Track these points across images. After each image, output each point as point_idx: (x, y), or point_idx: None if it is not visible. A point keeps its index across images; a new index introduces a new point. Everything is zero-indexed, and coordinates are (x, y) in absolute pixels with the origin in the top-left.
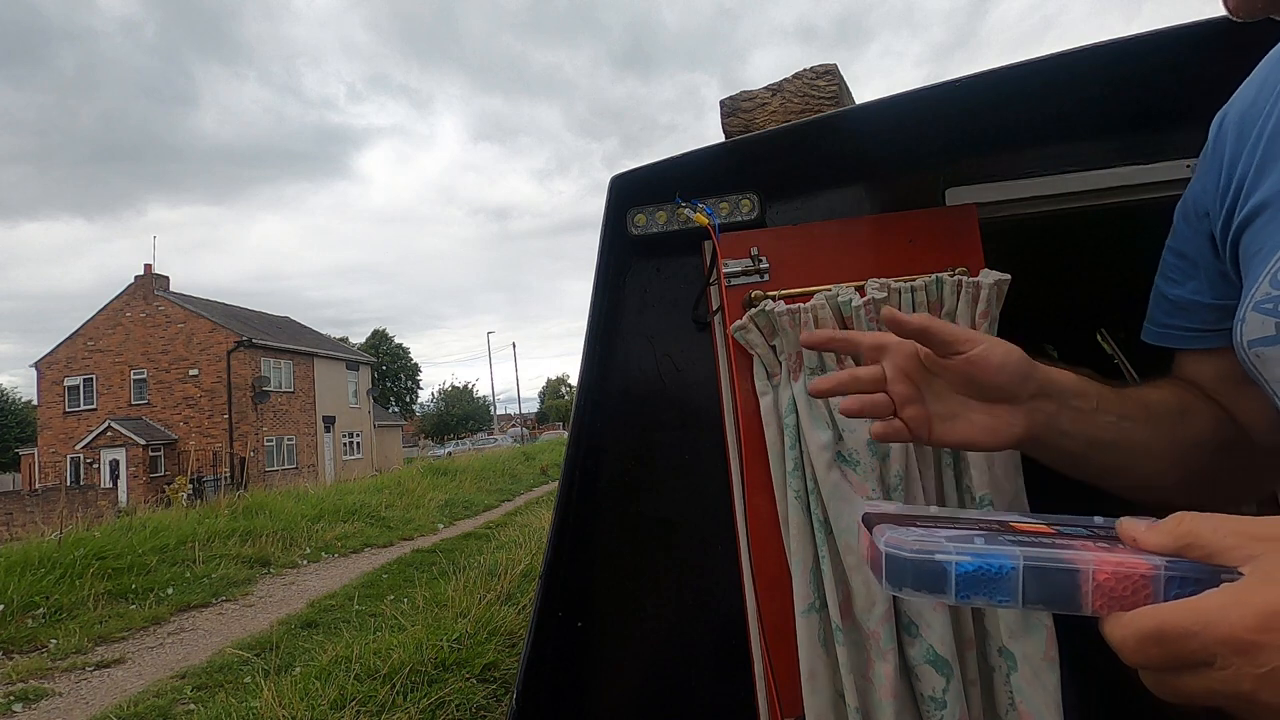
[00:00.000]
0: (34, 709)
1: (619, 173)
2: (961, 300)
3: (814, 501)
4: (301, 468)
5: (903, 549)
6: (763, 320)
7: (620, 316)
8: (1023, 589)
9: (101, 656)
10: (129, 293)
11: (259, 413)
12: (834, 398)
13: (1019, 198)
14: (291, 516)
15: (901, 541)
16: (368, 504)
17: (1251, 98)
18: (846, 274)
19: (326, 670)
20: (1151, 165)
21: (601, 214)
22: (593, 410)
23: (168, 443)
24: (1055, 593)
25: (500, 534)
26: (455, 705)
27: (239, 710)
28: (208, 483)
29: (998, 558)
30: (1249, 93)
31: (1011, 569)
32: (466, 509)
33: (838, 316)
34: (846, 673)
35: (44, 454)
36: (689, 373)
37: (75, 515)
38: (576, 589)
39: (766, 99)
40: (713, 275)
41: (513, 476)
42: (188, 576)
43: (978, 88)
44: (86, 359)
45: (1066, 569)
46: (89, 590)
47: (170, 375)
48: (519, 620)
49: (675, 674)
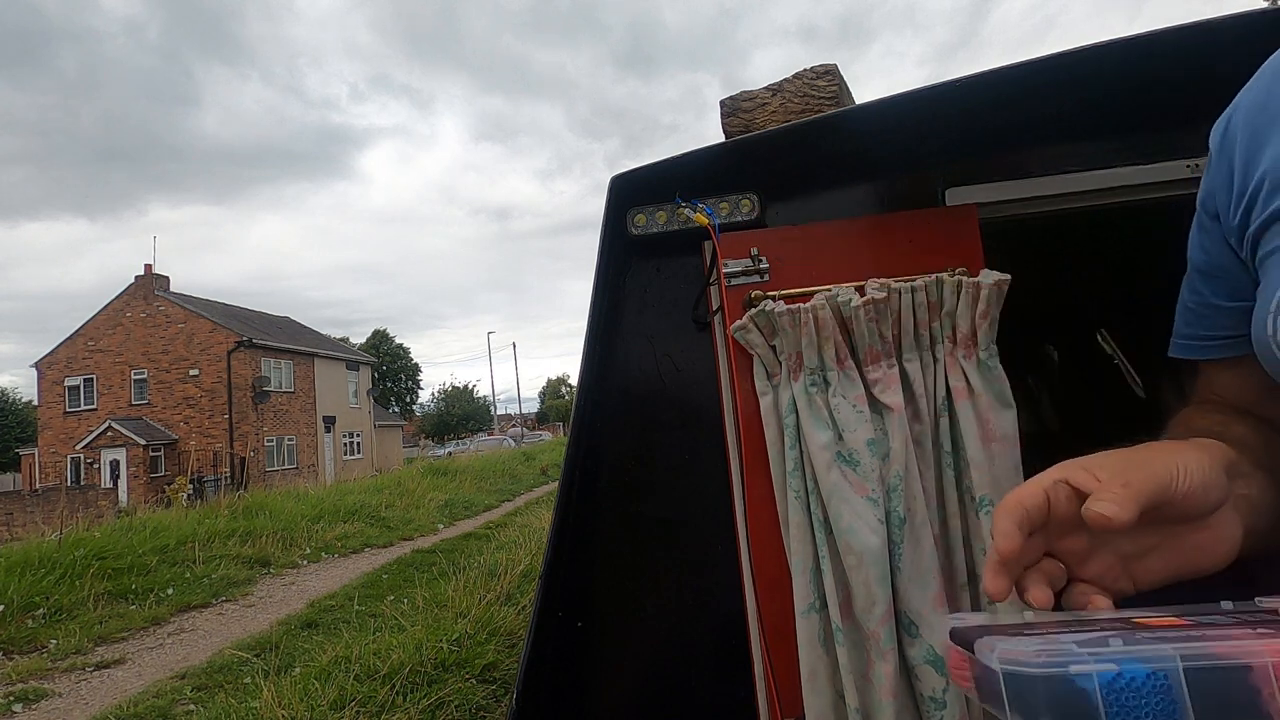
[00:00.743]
0: (34, 709)
1: (619, 173)
2: (961, 300)
3: (814, 501)
4: (302, 468)
5: (1026, 664)
6: (763, 320)
7: (620, 316)
8: (1189, 697)
9: (101, 657)
10: (129, 293)
11: (259, 413)
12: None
13: (1019, 198)
14: (291, 517)
15: (1020, 655)
16: (368, 504)
17: (1262, 100)
18: (846, 274)
19: (326, 670)
20: (1151, 165)
21: (602, 214)
22: (593, 410)
23: (168, 443)
24: (1230, 695)
25: (500, 534)
26: (455, 705)
27: (239, 710)
28: (208, 483)
29: (1148, 660)
30: (1258, 95)
31: (1168, 674)
32: (466, 509)
33: (838, 317)
34: (846, 673)
35: (44, 454)
36: (689, 373)
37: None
38: (576, 589)
39: (766, 99)
40: (713, 275)
41: (513, 476)
42: (188, 577)
43: (978, 88)
44: (87, 359)
45: (1238, 666)
46: (89, 590)
47: (170, 375)
48: (519, 620)
49: (675, 674)
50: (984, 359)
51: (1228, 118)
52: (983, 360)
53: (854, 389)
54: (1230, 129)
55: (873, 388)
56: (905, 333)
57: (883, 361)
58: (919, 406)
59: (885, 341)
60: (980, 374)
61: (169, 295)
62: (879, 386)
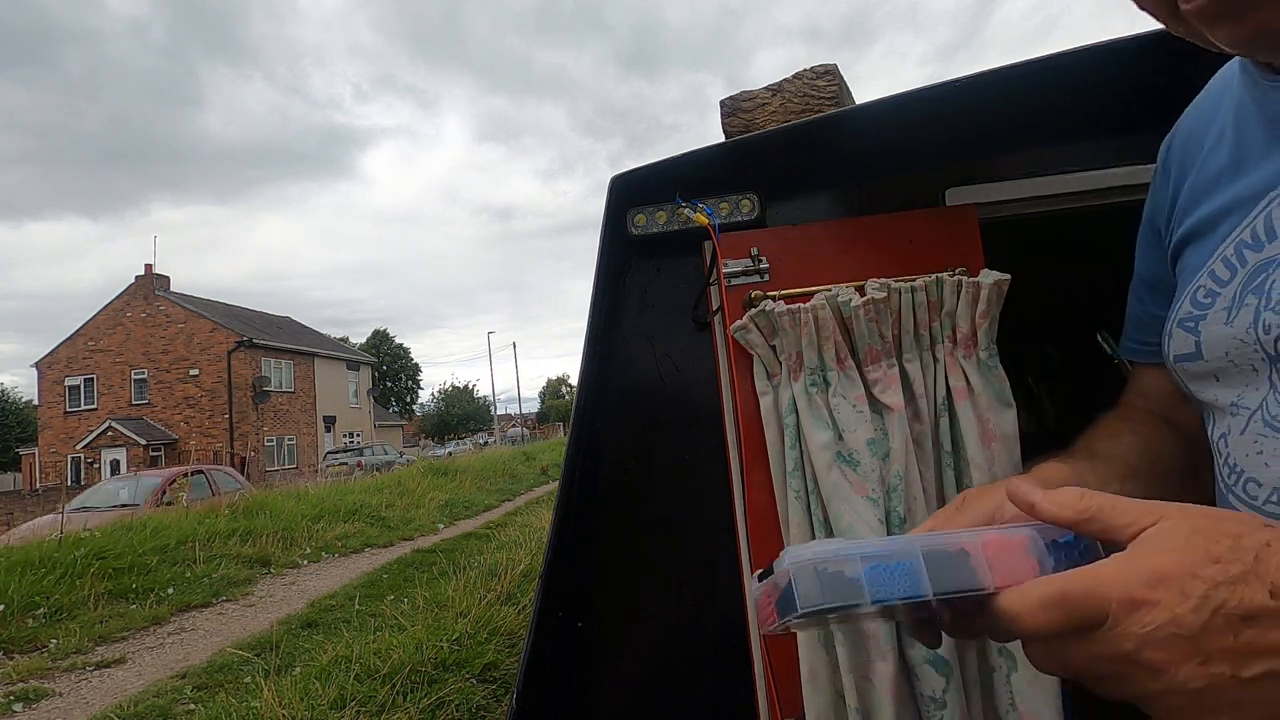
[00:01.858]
0: (34, 709)
1: (619, 173)
2: (961, 300)
3: (814, 501)
4: (302, 467)
5: (805, 560)
6: (763, 320)
7: (620, 316)
8: (929, 578)
9: (102, 656)
10: (129, 293)
11: (259, 413)
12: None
13: (1019, 198)
14: (292, 516)
15: (803, 556)
16: (368, 504)
17: (1190, 127)
18: (846, 274)
19: (326, 670)
20: (1151, 165)
21: (602, 214)
22: (593, 410)
23: (168, 442)
24: (958, 575)
25: (500, 534)
26: (455, 705)
27: (239, 710)
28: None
29: (898, 548)
30: (1190, 121)
31: (911, 563)
32: (467, 509)
33: (838, 317)
34: (846, 673)
35: (45, 454)
36: (689, 373)
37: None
38: (576, 589)
39: (767, 99)
40: (713, 275)
41: (513, 476)
42: (188, 576)
43: (978, 88)
44: (87, 359)
45: (958, 552)
46: (89, 590)
47: (171, 375)
48: (519, 620)
49: (675, 674)
50: (984, 359)
51: (1170, 139)
52: (983, 360)
53: (854, 389)
54: (1172, 150)
55: (873, 388)
56: (905, 333)
57: (883, 361)
58: (919, 406)
59: (885, 341)
60: (980, 374)
61: (169, 295)
62: (879, 386)
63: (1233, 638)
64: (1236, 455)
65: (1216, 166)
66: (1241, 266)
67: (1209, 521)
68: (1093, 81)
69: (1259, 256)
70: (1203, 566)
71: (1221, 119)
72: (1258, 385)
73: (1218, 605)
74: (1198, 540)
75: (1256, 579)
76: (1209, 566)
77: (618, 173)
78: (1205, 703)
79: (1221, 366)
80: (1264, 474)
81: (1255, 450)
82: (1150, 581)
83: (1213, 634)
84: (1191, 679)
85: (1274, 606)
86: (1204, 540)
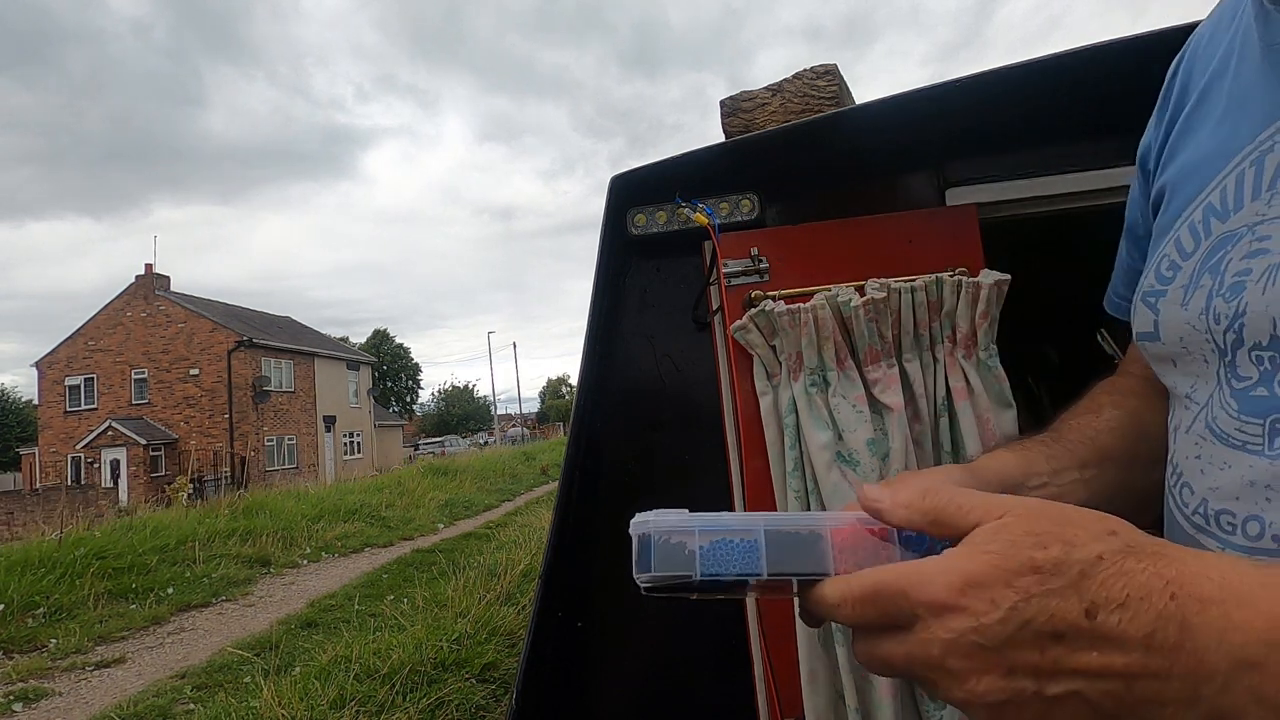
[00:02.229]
0: (34, 708)
1: (619, 173)
2: (961, 300)
3: (814, 502)
4: (302, 467)
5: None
6: (763, 320)
7: (620, 316)
8: (766, 554)
9: (101, 656)
10: (129, 292)
11: (259, 412)
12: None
13: (1019, 198)
14: (292, 516)
15: (649, 524)
16: (368, 504)
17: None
18: (846, 274)
19: (326, 670)
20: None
21: (602, 214)
22: (593, 410)
23: (168, 442)
24: (802, 558)
25: (500, 534)
26: (455, 705)
27: (239, 710)
28: (208, 482)
29: (741, 528)
30: (1200, 40)
31: (753, 541)
32: (466, 509)
33: (837, 317)
34: (846, 673)
35: (44, 453)
36: (689, 373)
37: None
38: (576, 589)
39: (767, 99)
40: (713, 275)
41: (513, 476)
42: (188, 576)
43: (978, 88)
44: (87, 359)
45: (807, 533)
46: (89, 590)
47: (171, 375)
48: (519, 620)
49: (675, 674)
50: (984, 359)
51: (1179, 59)
52: (983, 360)
53: (854, 389)
54: (1178, 73)
55: (873, 388)
56: (905, 333)
57: (882, 361)
58: (919, 406)
59: (885, 341)
60: (980, 374)
61: (169, 295)
62: (879, 386)
63: (1039, 654)
64: (1179, 454)
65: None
66: (1205, 237)
67: (1047, 523)
68: (1093, 82)
69: (1223, 228)
70: (1020, 575)
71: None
72: (1208, 379)
73: (1027, 619)
74: (1025, 544)
75: (1075, 594)
76: (1026, 576)
77: (618, 172)
78: (1007, 716)
79: (1177, 352)
80: (1198, 481)
81: (1194, 454)
82: (962, 586)
83: (1018, 648)
84: (992, 691)
85: (1086, 626)
86: (1032, 545)
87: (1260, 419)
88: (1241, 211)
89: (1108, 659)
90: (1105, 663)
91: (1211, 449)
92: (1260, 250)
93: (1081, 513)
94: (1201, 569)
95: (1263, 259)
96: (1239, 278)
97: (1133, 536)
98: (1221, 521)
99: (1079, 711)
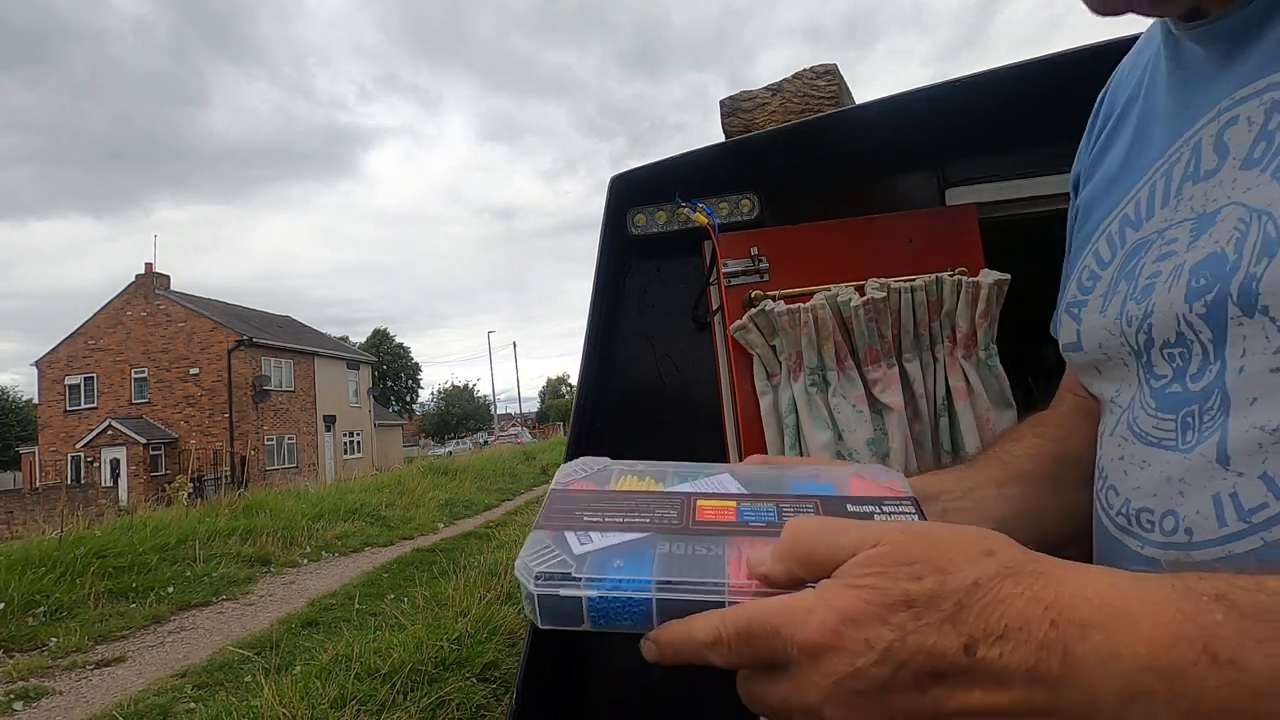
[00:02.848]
0: (34, 707)
1: (619, 172)
2: (961, 300)
3: None
4: (302, 467)
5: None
6: (762, 320)
7: (620, 316)
8: (656, 619)
9: (102, 655)
10: (129, 292)
11: (259, 412)
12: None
13: (1019, 198)
14: (292, 515)
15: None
16: (368, 503)
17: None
18: (846, 274)
19: (327, 669)
20: None
21: (602, 214)
22: (593, 410)
23: (168, 441)
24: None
25: (500, 533)
26: (455, 704)
27: (239, 709)
28: (208, 481)
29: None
30: (1123, 69)
31: (645, 601)
32: (466, 508)
33: (837, 317)
34: None
35: (44, 452)
36: (689, 373)
37: (76, 514)
38: None
39: (766, 99)
40: (713, 275)
41: (513, 476)
42: (188, 575)
43: (978, 88)
44: (87, 358)
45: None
46: (89, 589)
47: (171, 374)
48: (519, 620)
49: (675, 673)
50: (984, 359)
51: (1106, 86)
52: (983, 360)
53: (854, 389)
54: (1104, 101)
55: (873, 388)
56: (905, 332)
57: (882, 361)
58: (919, 406)
59: (885, 341)
60: (980, 374)
61: (169, 294)
62: (879, 386)
63: (919, 696)
64: (1105, 458)
65: (1126, 123)
66: (1121, 246)
67: (921, 550)
68: (1094, 81)
69: (1136, 236)
70: (895, 611)
71: (1143, 70)
72: (1130, 382)
73: (904, 660)
74: (900, 575)
75: (953, 629)
76: (901, 612)
77: (618, 172)
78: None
79: (1099, 359)
80: (1122, 483)
81: (1118, 455)
82: (836, 625)
83: (898, 692)
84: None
85: (965, 664)
86: (907, 576)
87: (1174, 415)
88: (1153, 219)
89: (991, 698)
90: (989, 702)
91: (1133, 449)
92: (1168, 253)
93: (958, 534)
94: (1080, 589)
95: (1170, 260)
96: (1150, 280)
97: (1010, 556)
98: (1142, 520)
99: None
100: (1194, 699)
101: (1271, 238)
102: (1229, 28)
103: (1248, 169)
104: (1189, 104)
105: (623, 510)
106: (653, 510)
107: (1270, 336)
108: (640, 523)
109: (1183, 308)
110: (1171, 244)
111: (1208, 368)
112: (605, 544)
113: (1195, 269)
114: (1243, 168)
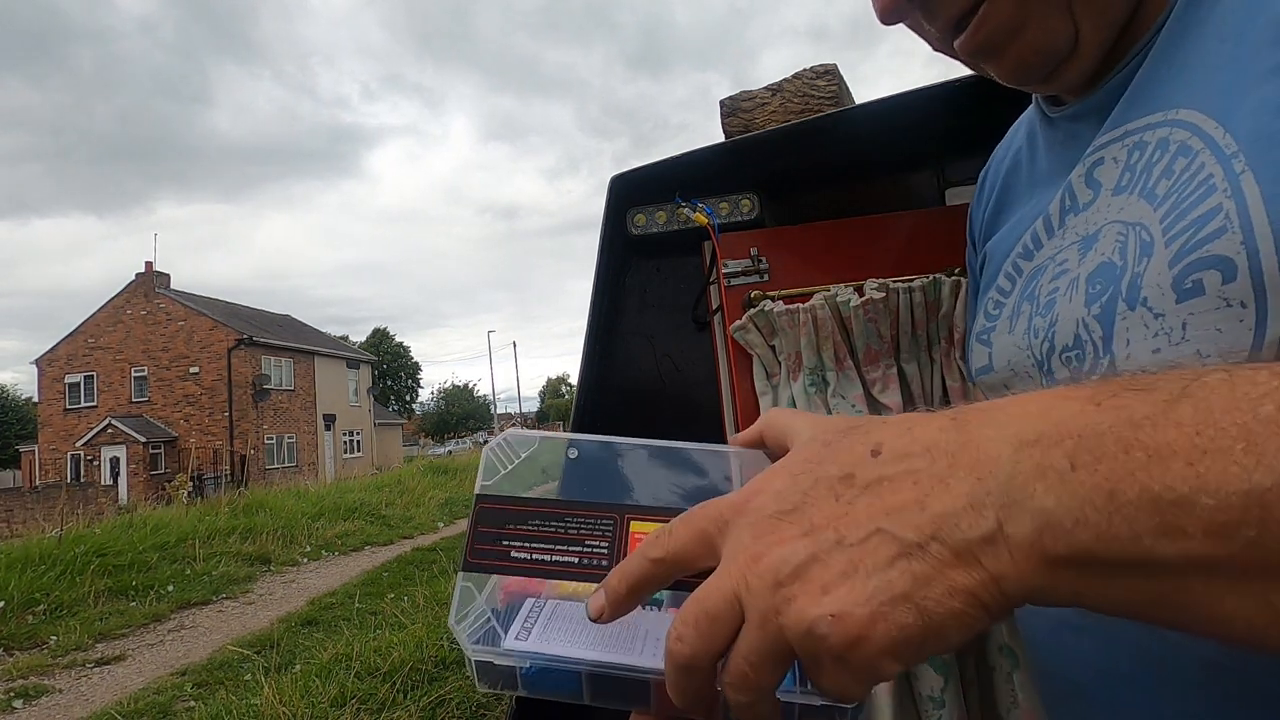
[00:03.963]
0: (35, 705)
1: (619, 172)
2: (959, 302)
3: None
4: (302, 466)
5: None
6: (762, 320)
7: (620, 316)
8: (588, 692)
9: (102, 653)
10: (130, 290)
11: (259, 411)
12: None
13: None
14: (292, 514)
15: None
16: (368, 502)
17: (1000, 156)
18: (846, 274)
19: (327, 668)
20: None
21: (602, 214)
22: (593, 410)
23: (168, 440)
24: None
25: None
26: (455, 703)
27: (239, 707)
28: (208, 480)
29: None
30: (1001, 150)
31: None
32: (466, 507)
33: (837, 317)
34: None
35: (44, 451)
36: (689, 372)
37: (76, 512)
38: None
39: (766, 99)
40: (712, 275)
41: None
42: (188, 574)
43: (978, 87)
44: (87, 356)
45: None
46: (89, 587)
47: (171, 373)
48: None
49: None
50: None
51: (995, 153)
52: None
53: (853, 389)
54: (987, 175)
55: (871, 388)
56: (904, 333)
57: (881, 362)
58: (917, 407)
59: (884, 341)
60: None
61: (169, 293)
62: (878, 386)
63: (834, 502)
64: None
65: (1016, 188)
66: (1019, 276)
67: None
68: None
69: (1030, 265)
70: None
71: (1019, 145)
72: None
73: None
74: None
75: (862, 438)
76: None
77: (618, 172)
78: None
79: (1008, 377)
80: None
81: None
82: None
83: (814, 504)
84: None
85: (873, 461)
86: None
87: None
88: (1043, 249)
89: (897, 486)
90: (895, 490)
91: None
92: (1063, 271)
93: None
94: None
95: (1066, 277)
96: (1051, 296)
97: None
98: None
99: (885, 551)
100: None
101: (1146, 242)
102: (1086, 108)
103: (1118, 195)
104: (1063, 160)
105: (550, 540)
106: (583, 542)
107: (1148, 324)
108: (567, 565)
109: (1082, 311)
110: (1064, 264)
111: (1099, 364)
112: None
113: (1090, 277)
114: (1114, 194)
